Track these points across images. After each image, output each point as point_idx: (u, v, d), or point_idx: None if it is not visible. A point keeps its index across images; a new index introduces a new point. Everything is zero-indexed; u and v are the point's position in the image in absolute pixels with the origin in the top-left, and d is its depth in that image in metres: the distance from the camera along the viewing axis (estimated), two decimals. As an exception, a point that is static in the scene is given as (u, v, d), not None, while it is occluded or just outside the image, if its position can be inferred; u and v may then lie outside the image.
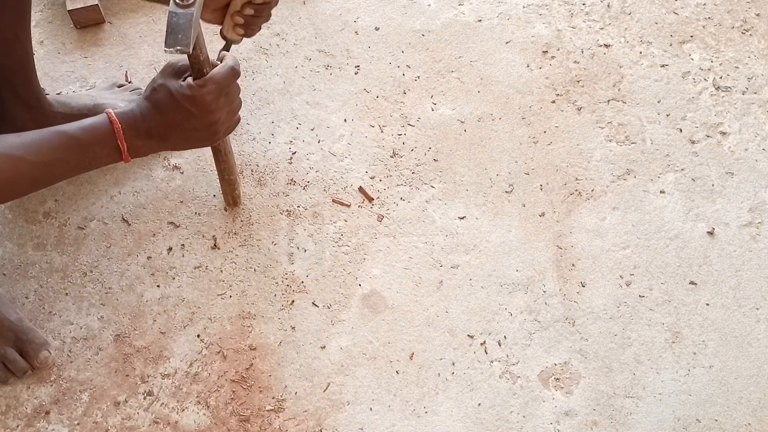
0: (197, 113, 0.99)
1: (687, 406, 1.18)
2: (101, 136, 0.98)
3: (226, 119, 1.04)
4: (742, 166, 1.36)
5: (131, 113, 0.99)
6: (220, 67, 1.00)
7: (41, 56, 1.40)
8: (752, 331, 1.24)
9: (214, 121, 1.01)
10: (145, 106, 0.99)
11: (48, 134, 0.96)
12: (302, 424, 1.16)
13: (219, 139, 1.06)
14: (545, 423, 1.17)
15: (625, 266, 1.28)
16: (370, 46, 1.45)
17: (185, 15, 0.92)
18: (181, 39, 0.92)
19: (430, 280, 1.26)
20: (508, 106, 1.40)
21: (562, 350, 1.22)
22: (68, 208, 1.29)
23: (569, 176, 1.35)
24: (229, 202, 1.28)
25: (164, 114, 0.99)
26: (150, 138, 1.00)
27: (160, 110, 0.99)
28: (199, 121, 1.00)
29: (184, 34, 0.92)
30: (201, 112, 0.99)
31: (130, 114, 0.99)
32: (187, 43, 0.92)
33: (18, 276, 1.24)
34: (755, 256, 1.29)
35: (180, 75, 1.00)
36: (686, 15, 1.49)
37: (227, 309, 1.23)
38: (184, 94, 0.97)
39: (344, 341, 1.22)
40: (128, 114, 0.99)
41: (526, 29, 1.47)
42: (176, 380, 1.19)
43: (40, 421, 1.15)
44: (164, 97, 0.98)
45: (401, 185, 1.33)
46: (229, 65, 1.00)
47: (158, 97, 0.99)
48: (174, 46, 0.92)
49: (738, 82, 1.43)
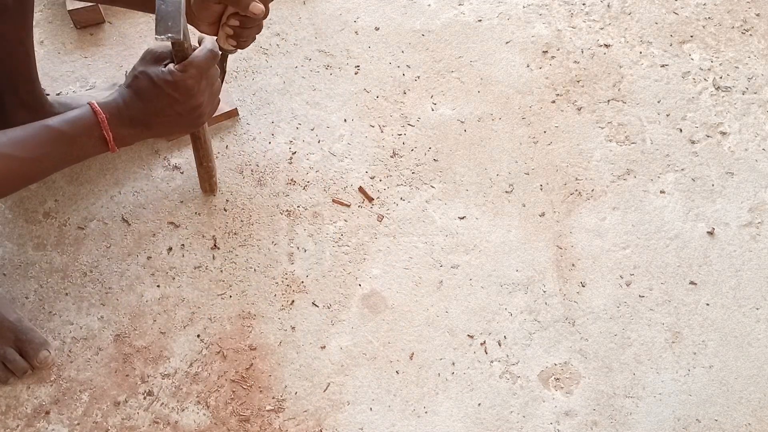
0: (180, 98, 0.99)
1: (687, 406, 1.18)
2: (86, 127, 0.98)
3: (208, 102, 1.04)
4: (742, 166, 1.36)
5: (114, 102, 1.00)
6: (198, 51, 1.00)
7: (41, 56, 1.40)
8: (752, 331, 1.24)
9: (198, 105, 1.02)
10: (128, 94, 1.00)
11: (34, 129, 0.96)
12: (302, 424, 1.16)
13: (204, 122, 1.06)
14: (545, 423, 1.17)
15: (625, 266, 1.28)
16: (370, 46, 1.45)
17: (173, 3, 0.95)
18: (171, 26, 0.95)
19: (430, 280, 1.26)
20: (508, 106, 1.40)
21: (562, 350, 1.22)
22: (68, 208, 1.29)
23: (569, 176, 1.35)
24: (206, 189, 1.29)
25: (147, 101, 0.99)
26: (134, 126, 1.01)
27: (143, 98, 0.99)
28: (183, 105, 1.00)
29: (174, 22, 0.94)
30: (184, 97, 0.99)
31: (113, 103, 1.00)
32: (177, 30, 0.94)
33: (18, 276, 1.24)
34: (755, 256, 1.29)
35: (160, 61, 1.00)
36: (686, 15, 1.49)
37: (227, 309, 1.23)
38: (166, 80, 0.98)
39: (344, 341, 1.22)
40: (111, 104, 1.00)
41: (526, 29, 1.47)
42: (176, 380, 1.19)
43: (40, 421, 1.15)
44: (146, 84, 0.99)
45: (401, 185, 1.33)
46: (207, 48, 1.00)
47: (140, 85, 0.99)
48: (165, 33, 0.95)
49: (738, 82, 1.43)
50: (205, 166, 1.24)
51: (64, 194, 1.30)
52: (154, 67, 0.99)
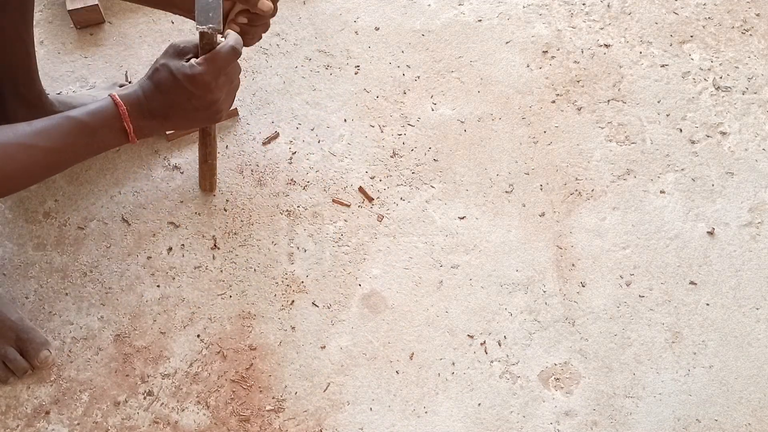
0: (197, 93, 1.00)
1: (687, 406, 1.18)
2: (108, 119, 0.99)
3: (226, 98, 1.05)
4: (742, 166, 1.36)
5: (134, 94, 1.00)
6: (220, 47, 1.00)
7: (41, 56, 1.40)
8: (752, 331, 1.24)
9: (215, 100, 1.02)
10: (148, 87, 1.00)
11: (57, 121, 0.97)
12: (302, 424, 1.16)
13: (221, 118, 1.07)
14: (545, 423, 1.17)
15: (625, 266, 1.28)
16: (370, 46, 1.45)
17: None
18: (212, 17, 0.96)
19: (430, 280, 1.26)
20: (508, 106, 1.40)
21: (562, 350, 1.22)
22: (68, 208, 1.29)
23: (569, 176, 1.35)
24: (205, 187, 1.29)
25: (166, 94, 1.00)
26: (154, 118, 1.01)
27: (162, 90, 1.00)
28: (200, 100, 1.01)
29: (215, 12, 0.96)
30: (201, 91, 1.00)
31: (134, 95, 1.00)
32: (218, 21, 0.95)
33: (18, 276, 1.24)
34: (755, 256, 1.29)
35: (183, 55, 1.01)
36: (686, 15, 1.49)
37: (227, 309, 1.23)
38: (185, 73, 0.98)
39: (344, 341, 1.22)
40: (131, 95, 1.00)
41: (526, 29, 1.47)
42: (176, 380, 1.19)
43: (40, 421, 1.15)
44: (166, 76, 0.99)
45: (401, 185, 1.33)
46: (230, 45, 1.00)
47: (160, 77, 1.00)
48: (206, 24, 0.96)
49: (738, 82, 1.43)
50: (210, 163, 1.24)
51: (64, 194, 1.30)
52: (175, 60, 1.00)
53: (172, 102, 1.00)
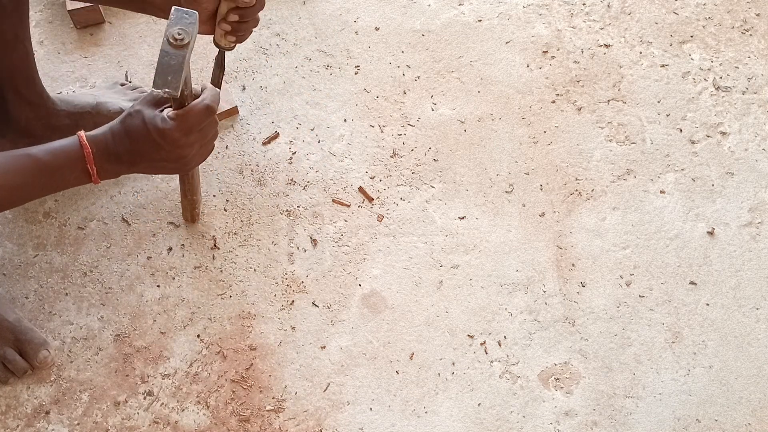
0: (165, 146, 0.97)
1: (687, 406, 1.18)
2: (70, 160, 0.97)
3: (197, 153, 1.02)
4: (742, 166, 1.36)
5: (103, 137, 0.98)
6: (195, 104, 0.97)
7: (41, 56, 1.40)
8: (752, 331, 1.24)
9: (182, 156, 1.00)
10: (118, 131, 0.98)
11: (15, 158, 0.95)
12: (302, 424, 1.16)
13: (189, 170, 1.05)
14: (545, 423, 1.17)
15: (625, 266, 1.28)
16: (370, 46, 1.45)
17: (177, 56, 0.90)
18: (170, 81, 0.90)
19: (430, 280, 1.26)
20: (508, 106, 1.40)
21: (562, 350, 1.22)
22: (68, 208, 1.29)
23: (569, 176, 1.35)
24: (187, 218, 1.27)
25: (135, 141, 0.97)
26: (120, 162, 0.99)
27: (131, 137, 0.97)
28: (168, 153, 0.98)
29: (174, 77, 0.90)
30: (169, 146, 0.97)
31: (102, 138, 0.98)
32: (176, 87, 0.90)
33: (18, 276, 1.24)
34: (755, 256, 1.29)
35: (159, 105, 0.99)
36: (686, 15, 1.49)
37: (227, 309, 1.23)
38: (156, 126, 0.96)
39: (344, 341, 1.22)
40: (100, 137, 0.98)
41: (526, 29, 1.47)
42: (176, 380, 1.19)
43: (40, 421, 1.15)
44: (137, 124, 0.97)
45: (401, 185, 1.33)
46: (205, 103, 0.97)
47: (132, 124, 0.97)
48: (163, 87, 0.90)
49: (738, 82, 1.43)
50: (190, 198, 1.22)
51: (64, 194, 1.30)
52: (150, 109, 0.97)
53: (139, 150, 0.98)
